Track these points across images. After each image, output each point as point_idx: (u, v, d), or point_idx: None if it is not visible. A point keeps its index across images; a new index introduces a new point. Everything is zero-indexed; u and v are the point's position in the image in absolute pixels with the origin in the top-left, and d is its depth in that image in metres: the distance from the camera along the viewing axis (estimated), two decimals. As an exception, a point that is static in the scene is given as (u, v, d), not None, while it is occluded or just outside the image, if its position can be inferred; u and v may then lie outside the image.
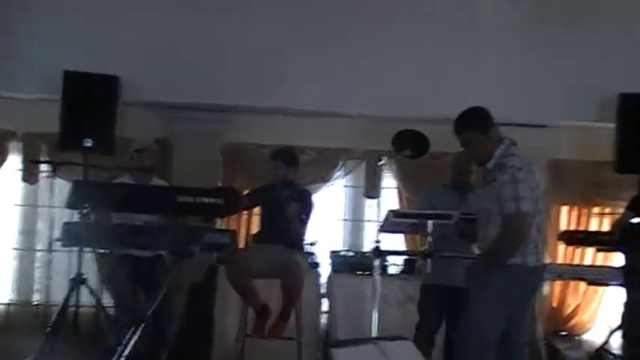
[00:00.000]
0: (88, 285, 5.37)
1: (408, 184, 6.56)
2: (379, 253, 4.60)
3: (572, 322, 6.75)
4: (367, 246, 6.61)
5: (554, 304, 6.67)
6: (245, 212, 6.14)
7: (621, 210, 6.14)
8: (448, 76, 6.05)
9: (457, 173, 4.96)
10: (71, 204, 4.52)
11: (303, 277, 5.26)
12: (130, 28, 5.84)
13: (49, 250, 6.05)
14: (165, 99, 5.99)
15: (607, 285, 5.73)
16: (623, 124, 5.88)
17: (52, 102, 5.74)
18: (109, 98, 5.67)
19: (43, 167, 6.15)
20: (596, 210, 6.78)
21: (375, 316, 4.58)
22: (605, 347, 5.76)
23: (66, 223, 4.47)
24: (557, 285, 6.52)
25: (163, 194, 4.92)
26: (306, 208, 5.32)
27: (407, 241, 6.47)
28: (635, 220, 5.17)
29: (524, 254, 3.96)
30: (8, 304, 6.43)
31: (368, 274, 5.73)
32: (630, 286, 5.08)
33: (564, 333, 6.66)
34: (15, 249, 6.51)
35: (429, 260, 4.54)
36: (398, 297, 5.81)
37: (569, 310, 6.76)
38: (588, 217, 6.78)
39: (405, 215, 4.94)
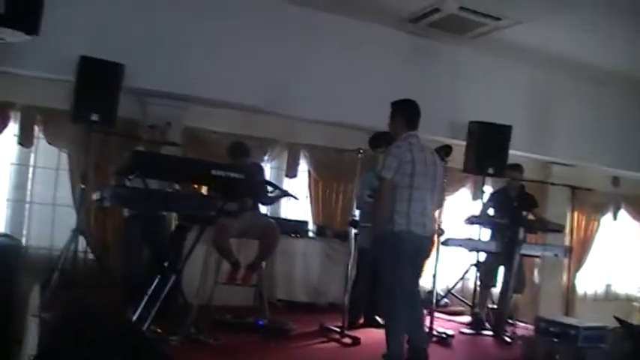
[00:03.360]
0: (85, 235, 6.06)
1: (318, 170, 7.97)
2: (355, 224, 5.77)
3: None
4: (284, 214, 7.94)
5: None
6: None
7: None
8: (348, 93, 7.27)
9: None
10: (123, 171, 4.85)
11: (279, 238, 6.11)
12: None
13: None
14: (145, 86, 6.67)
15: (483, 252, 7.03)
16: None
17: (50, 80, 6.33)
18: (116, 81, 6.10)
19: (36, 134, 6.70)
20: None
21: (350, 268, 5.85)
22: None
23: (114, 187, 4.99)
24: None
25: (201, 167, 5.18)
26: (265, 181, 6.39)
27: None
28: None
29: (408, 223, 4.40)
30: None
31: (298, 236, 7.34)
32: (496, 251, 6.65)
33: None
34: (8, 200, 6.87)
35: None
36: (319, 254, 7.33)
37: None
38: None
39: (370, 197, 5.56)
